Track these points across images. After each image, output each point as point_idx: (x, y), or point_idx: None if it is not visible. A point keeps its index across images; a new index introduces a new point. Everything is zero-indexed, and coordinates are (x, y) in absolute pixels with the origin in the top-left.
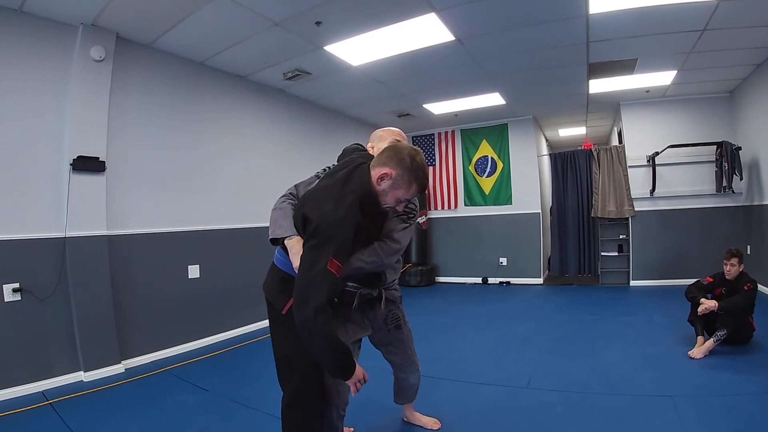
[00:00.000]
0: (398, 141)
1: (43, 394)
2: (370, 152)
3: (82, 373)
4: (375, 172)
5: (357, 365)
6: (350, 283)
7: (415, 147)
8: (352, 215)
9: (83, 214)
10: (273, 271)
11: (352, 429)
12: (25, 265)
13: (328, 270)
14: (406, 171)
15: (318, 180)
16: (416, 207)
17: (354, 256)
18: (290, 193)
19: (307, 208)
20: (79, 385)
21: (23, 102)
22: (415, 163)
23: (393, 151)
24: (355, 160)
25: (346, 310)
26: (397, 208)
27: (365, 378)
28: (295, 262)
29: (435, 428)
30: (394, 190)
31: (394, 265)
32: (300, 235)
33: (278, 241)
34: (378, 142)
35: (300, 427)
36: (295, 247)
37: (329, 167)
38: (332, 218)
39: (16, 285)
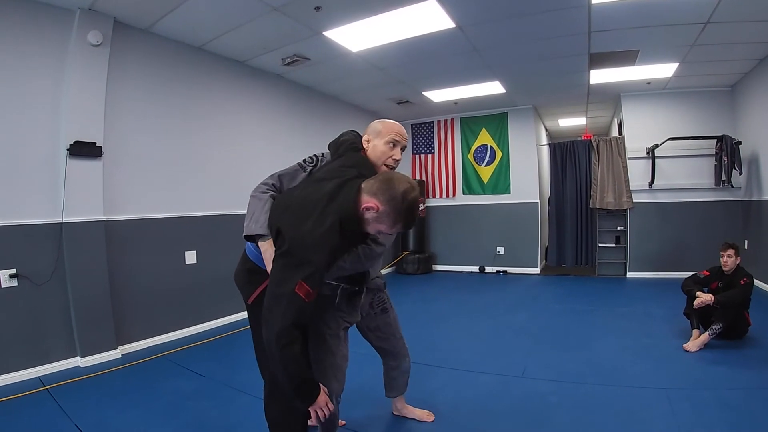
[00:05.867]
0: (396, 138)
1: (40, 380)
2: (366, 146)
3: (78, 358)
4: (363, 198)
5: (322, 393)
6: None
7: (411, 182)
8: (329, 239)
9: (80, 199)
10: (243, 260)
11: (344, 422)
12: (21, 251)
13: (296, 293)
14: (394, 210)
15: (301, 172)
16: None
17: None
18: (272, 184)
19: (283, 221)
20: (75, 371)
21: (20, 87)
22: (406, 203)
23: (387, 184)
24: (349, 173)
25: (331, 301)
26: (378, 236)
27: (329, 407)
28: (269, 266)
29: (429, 420)
30: (377, 223)
31: (375, 265)
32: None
33: (252, 239)
34: (375, 137)
35: (278, 418)
36: (268, 251)
37: (313, 157)
38: (307, 240)
39: (13, 271)
